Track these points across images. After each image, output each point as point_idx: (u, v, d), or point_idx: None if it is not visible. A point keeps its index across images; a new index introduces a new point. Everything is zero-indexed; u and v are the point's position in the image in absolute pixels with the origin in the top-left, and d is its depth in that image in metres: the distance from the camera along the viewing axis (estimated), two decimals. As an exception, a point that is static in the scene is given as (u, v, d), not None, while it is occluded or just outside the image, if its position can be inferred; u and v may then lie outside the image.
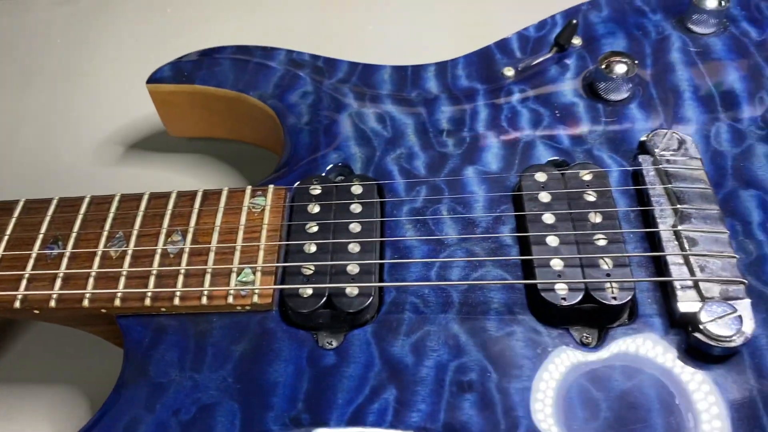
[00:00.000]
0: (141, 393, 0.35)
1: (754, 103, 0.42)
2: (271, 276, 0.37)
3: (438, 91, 0.46)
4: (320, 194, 0.40)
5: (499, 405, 0.33)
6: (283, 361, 0.35)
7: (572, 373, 0.33)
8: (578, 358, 0.34)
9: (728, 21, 0.47)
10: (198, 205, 0.40)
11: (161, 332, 0.36)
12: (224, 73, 0.48)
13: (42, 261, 0.38)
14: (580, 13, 0.49)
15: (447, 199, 0.40)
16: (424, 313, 0.36)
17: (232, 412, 0.33)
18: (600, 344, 0.34)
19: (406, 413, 0.33)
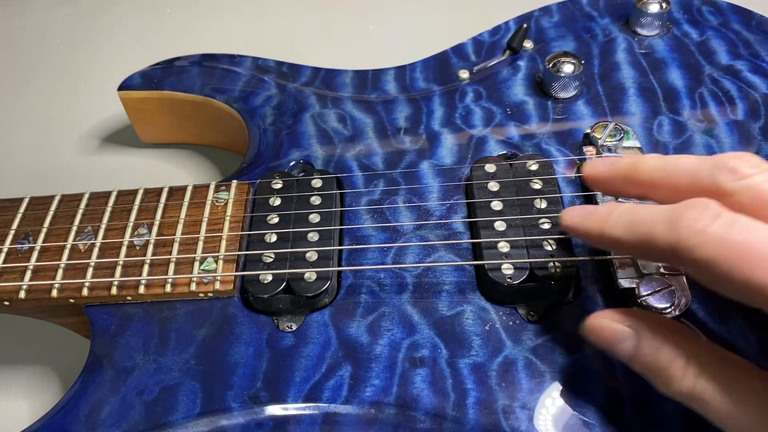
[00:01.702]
0: (106, 377, 0.36)
1: (695, 97, 0.45)
2: (232, 264, 0.38)
3: (396, 92, 0.48)
4: (282, 188, 0.42)
5: (449, 379, 0.34)
6: (244, 344, 0.36)
7: (518, 347, 0.35)
8: (524, 333, 0.35)
9: (671, 23, 0.49)
10: (164, 200, 0.42)
11: (127, 320, 0.38)
12: (192, 79, 0.50)
13: (13, 255, 0.40)
14: (532, 19, 0.52)
15: (403, 190, 0.42)
16: (379, 296, 0.37)
17: (193, 391, 0.35)
18: (545, 320, 0.36)
19: (360, 388, 0.34)
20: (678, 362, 0.28)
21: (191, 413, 0.34)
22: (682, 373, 0.27)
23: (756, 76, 0.45)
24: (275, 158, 0.45)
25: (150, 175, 0.56)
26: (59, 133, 0.61)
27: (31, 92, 0.65)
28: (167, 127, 0.53)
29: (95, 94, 0.63)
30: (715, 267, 0.25)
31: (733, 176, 0.27)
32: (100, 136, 0.60)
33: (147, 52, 0.57)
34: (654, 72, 0.46)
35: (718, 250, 0.25)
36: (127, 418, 0.34)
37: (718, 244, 0.25)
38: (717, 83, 0.45)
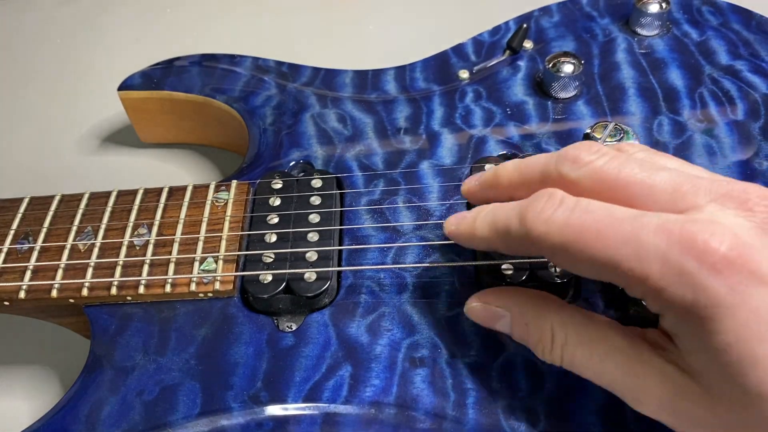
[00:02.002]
0: (106, 377, 0.36)
1: (695, 97, 0.45)
2: (232, 264, 0.38)
3: (396, 92, 0.48)
4: (281, 188, 0.42)
5: (449, 379, 0.34)
6: (244, 344, 0.36)
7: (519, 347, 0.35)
8: (524, 333, 0.35)
9: (671, 23, 0.49)
10: (164, 200, 0.42)
11: (127, 320, 0.38)
12: (192, 79, 0.50)
13: (13, 255, 0.40)
14: (532, 19, 0.52)
15: (403, 190, 0.42)
16: (379, 296, 0.37)
17: (193, 391, 0.35)
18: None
19: (360, 388, 0.34)
20: (545, 334, 0.30)
21: (191, 413, 0.34)
22: (551, 344, 0.30)
23: (756, 76, 0.45)
24: (275, 158, 0.45)
25: (150, 175, 0.56)
26: (59, 133, 0.61)
27: (31, 92, 0.65)
28: (167, 127, 0.53)
29: (95, 94, 0.63)
30: (565, 251, 0.26)
31: (575, 165, 0.28)
32: (100, 136, 0.60)
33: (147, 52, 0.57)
34: (654, 72, 0.46)
35: (564, 233, 0.26)
36: (127, 418, 0.34)
37: (563, 229, 0.26)
38: (717, 83, 0.45)
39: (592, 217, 0.26)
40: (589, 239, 0.25)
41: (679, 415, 0.27)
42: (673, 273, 0.24)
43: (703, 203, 0.25)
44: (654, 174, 0.26)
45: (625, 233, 0.25)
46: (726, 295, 0.23)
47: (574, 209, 0.26)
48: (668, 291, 0.24)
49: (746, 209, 0.24)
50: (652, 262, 0.24)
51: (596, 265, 0.26)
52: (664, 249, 0.24)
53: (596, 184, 0.27)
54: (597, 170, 0.27)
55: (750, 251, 0.23)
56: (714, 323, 0.23)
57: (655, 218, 0.25)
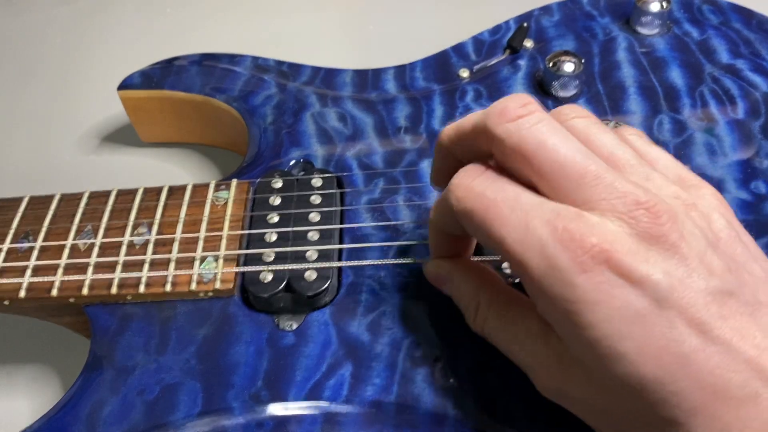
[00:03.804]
0: (106, 376, 0.36)
1: (695, 96, 0.45)
2: (233, 263, 0.38)
3: (397, 91, 0.48)
4: (282, 187, 0.42)
5: (451, 378, 0.34)
6: (244, 343, 0.36)
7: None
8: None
9: (672, 22, 0.49)
10: (164, 199, 0.41)
11: (127, 319, 0.38)
12: (192, 78, 0.50)
13: (13, 254, 0.40)
14: (533, 18, 0.52)
15: (404, 189, 0.42)
16: (380, 295, 0.37)
17: (194, 391, 0.35)
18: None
19: (361, 387, 0.34)
20: (473, 304, 0.32)
21: (192, 413, 0.34)
22: (475, 315, 0.32)
23: (756, 74, 0.45)
24: (275, 157, 0.45)
25: (150, 175, 0.55)
26: (59, 132, 0.60)
27: (30, 91, 0.65)
28: (167, 127, 0.53)
29: (95, 94, 0.63)
30: (470, 219, 0.28)
31: (501, 118, 0.28)
32: (100, 135, 0.60)
33: (147, 52, 0.57)
34: (654, 71, 0.46)
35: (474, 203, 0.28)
36: (128, 417, 0.34)
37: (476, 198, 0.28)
38: (717, 82, 0.45)
39: (503, 195, 0.27)
40: (492, 215, 0.27)
41: (569, 398, 0.28)
42: (546, 264, 0.25)
43: (597, 200, 0.26)
44: (570, 156, 0.27)
45: (520, 218, 0.26)
46: (591, 292, 0.24)
47: (491, 183, 0.28)
48: (541, 281, 0.25)
49: (631, 218, 0.25)
50: (533, 250, 0.26)
51: (490, 240, 0.27)
52: (544, 240, 0.25)
53: (517, 147, 0.27)
54: (520, 133, 0.27)
55: (619, 255, 0.24)
56: (580, 318, 0.25)
57: (549, 210, 0.26)
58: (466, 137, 0.30)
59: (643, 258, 0.25)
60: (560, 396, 0.29)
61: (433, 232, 0.34)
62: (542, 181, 0.27)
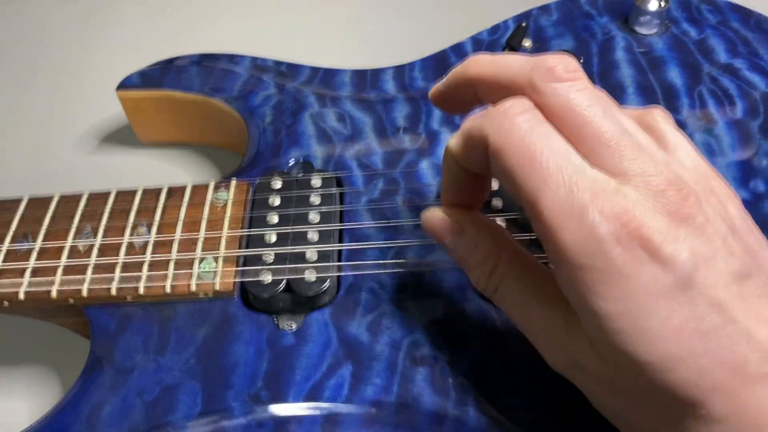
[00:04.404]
0: (106, 377, 0.36)
1: (694, 96, 0.45)
2: (232, 264, 0.38)
3: (395, 91, 0.48)
4: (281, 187, 0.42)
5: (450, 377, 0.34)
6: (244, 343, 0.36)
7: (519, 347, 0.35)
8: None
9: (670, 22, 0.49)
10: (163, 199, 0.41)
11: (126, 320, 0.38)
12: (191, 78, 0.50)
13: (12, 256, 0.40)
14: (531, 17, 0.52)
15: (403, 189, 0.42)
16: (379, 295, 0.37)
17: (194, 391, 0.35)
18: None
19: (361, 387, 0.34)
20: (490, 261, 0.31)
21: (192, 413, 0.34)
22: (490, 272, 0.31)
23: (755, 74, 0.45)
24: (274, 157, 0.45)
25: (149, 175, 0.55)
26: (58, 132, 0.60)
27: (29, 92, 0.65)
28: (166, 127, 0.53)
29: (94, 94, 0.62)
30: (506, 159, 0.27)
31: (549, 76, 0.27)
32: (99, 135, 0.60)
33: (146, 52, 0.56)
34: (653, 70, 0.46)
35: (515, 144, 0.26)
36: (128, 418, 0.34)
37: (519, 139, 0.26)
38: (716, 81, 0.45)
39: (550, 148, 0.26)
40: (536, 165, 0.26)
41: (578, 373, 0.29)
42: (584, 232, 0.25)
43: (632, 175, 0.26)
44: (610, 128, 0.27)
45: (565, 178, 0.26)
46: (621, 266, 0.24)
47: (538, 127, 0.27)
48: (574, 247, 0.25)
49: (663, 197, 0.26)
50: (572, 216, 0.25)
51: (522, 190, 0.26)
52: (586, 208, 0.25)
53: (560, 107, 0.27)
54: (566, 95, 0.27)
55: (652, 233, 0.24)
56: (604, 288, 0.25)
57: (592, 177, 0.26)
58: (500, 82, 0.29)
59: (674, 237, 0.25)
60: (570, 369, 0.29)
61: (448, 165, 0.32)
62: (580, 145, 0.27)
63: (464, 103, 0.33)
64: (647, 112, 0.32)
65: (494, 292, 0.31)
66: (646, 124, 0.32)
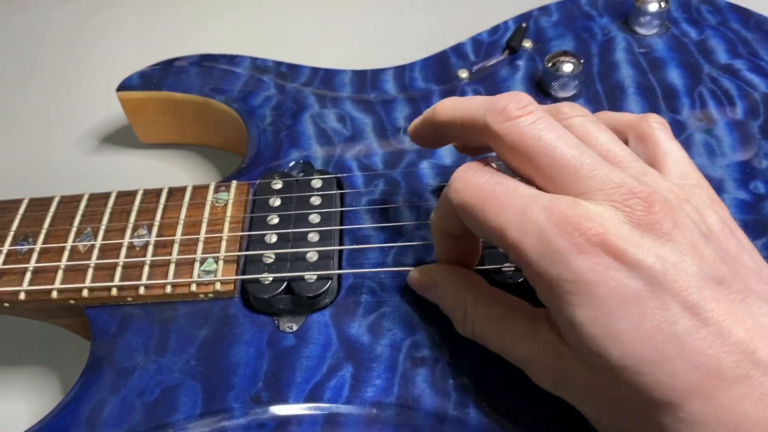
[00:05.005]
0: (107, 378, 0.36)
1: (694, 96, 0.45)
2: (233, 265, 0.38)
3: (396, 92, 0.48)
4: (281, 188, 0.42)
5: (451, 378, 0.34)
6: (244, 344, 0.36)
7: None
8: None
9: (670, 23, 0.50)
10: (163, 201, 0.41)
11: (127, 320, 0.38)
12: (191, 79, 0.50)
13: (12, 257, 0.40)
14: (531, 18, 0.52)
15: (403, 190, 0.42)
16: (380, 296, 0.37)
17: (194, 392, 0.35)
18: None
19: (361, 388, 0.34)
20: (460, 308, 0.33)
21: (192, 414, 0.34)
22: (464, 318, 0.33)
23: (755, 74, 0.45)
24: (275, 158, 0.45)
25: (149, 176, 0.56)
26: (58, 133, 0.60)
27: (29, 92, 0.65)
28: (166, 128, 0.53)
29: (94, 95, 0.62)
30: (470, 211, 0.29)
31: (501, 117, 0.29)
32: (99, 136, 0.60)
33: (146, 53, 0.57)
34: (653, 71, 0.46)
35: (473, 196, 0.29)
36: (128, 419, 0.34)
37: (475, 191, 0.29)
38: (716, 82, 0.45)
39: (501, 188, 0.28)
40: (490, 204, 0.28)
41: (567, 387, 0.29)
42: (543, 247, 0.26)
43: (593, 191, 0.27)
44: (565, 150, 0.28)
45: (518, 206, 0.27)
46: (587, 273, 0.25)
47: (488, 177, 0.29)
48: (537, 263, 0.26)
49: (626, 206, 0.26)
50: (530, 235, 0.27)
51: (489, 229, 0.28)
52: (542, 225, 0.26)
53: (515, 144, 0.28)
54: (519, 131, 0.28)
55: (614, 239, 0.25)
56: (575, 297, 0.25)
57: (546, 199, 0.27)
58: (462, 125, 0.32)
59: (637, 243, 0.25)
60: (557, 387, 0.30)
61: (435, 233, 0.34)
62: (540, 176, 0.28)
63: (440, 141, 0.37)
64: (642, 118, 0.33)
65: (473, 334, 0.33)
66: (639, 132, 0.33)
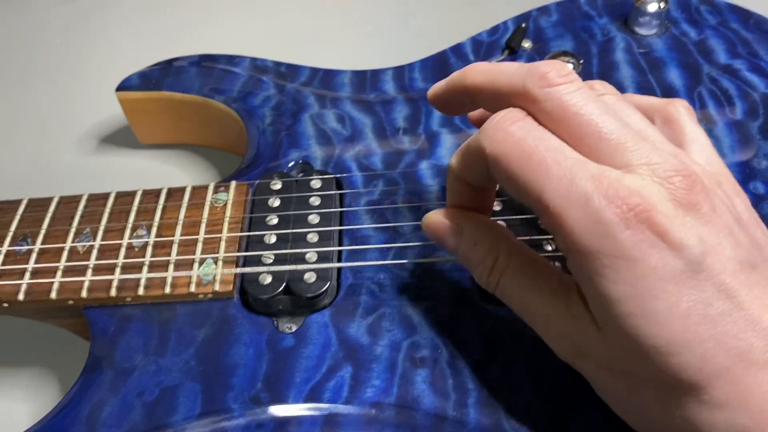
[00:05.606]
0: (106, 378, 0.36)
1: (693, 97, 0.45)
2: (232, 265, 0.38)
3: (395, 92, 0.48)
4: (281, 188, 0.42)
5: (450, 379, 0.34)
6: (244, 345, 0.36)
7: (519, 347, 0.35)
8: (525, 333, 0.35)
9: (669, 23, 0.50)
10: (162, 201, 0.41)
11: (126, 321, 0.38)
12: (190, 79, 0.50)
13: (11, 257, 0.40)
14: (531, 18, 0.52)
15: (403, 190, 0.42)
16: (379, 297, 0.37)
17: (194, 392, 0.35)
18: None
19: (361, 389, 0.34)
20: (490, 257, 0.31)
21: (191, 414, 0.34)
22: (491, 268, 0.31)
23: (754, 75, 0.45)
24: (274, 159, 0.45)
25: (148, 176, 0.56)
26: (57, 134, 0.60)
27: (28, 92, 0.65)
28: (166, 128, 0.53)
29: (93, 95, 0.62)
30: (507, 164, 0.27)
31: (542, 81, 0.28)
32: (99, 136, 0.60)
33: (146, 53, 0.57)
34: (652, 71, 0.46)
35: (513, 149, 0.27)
36: (128, 419, 0.34)
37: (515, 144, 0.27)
38: (715, 82, 0.45)
39: (546, 146, 0.27)
40: (534, 163, 0.27)
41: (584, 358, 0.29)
42: (590, 219, 0.25)
43: (637, 165, 0.26)
44: (608, 123, 0.27)
45: (565, 171, 0.26)
46: (630, 248, 0.25)
47: (531, 131, 0.27)
48: (581, 234, 0.25)
49: (670, 183, 0.26)
50: (577, 204, 0.26)
51: (526, 190, 0.27)
52: (590, 195, 0.25)
53: (555, 111, 0.28)
54: (561, 98, 0.28)
55: (660, 217, 0.25)
56: (613, 272, 0.25)
57: (595, 167, 0.26)
58: (496, 90, 0.30)
59: (681, 222, 0.25)
60: (574, 356, 0.29)
61: (452, 181, 0.33)
62: (580, 144, 0.27)
63: (462, 107, 0.34)
64: (669, 102, 0.33)
65: (496, 287, 0.32)
66: (666, 115, 0.32)
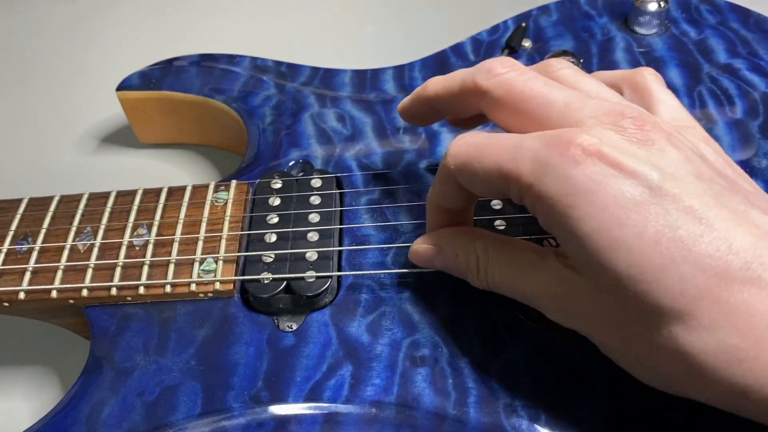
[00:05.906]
0: (106, 377, 0.36)
1: (693, 96, 0.45)
2: (232, 264, 0.38)
3: (395, 91, 0.48)
4: (281, 188, 0.42)
5: (450, 378, 0.34)
6: (244, 344, 0.36)
7: (519, 347, 0.35)
8: (524, 333, 0.35)
9: (669, 22, 0.50)
10: (163, 200, 0.42)
11: (127, 320, 0.38)
12: (191, 79, 0.50)
13: (12, 256, 0.40)
14: (531, 18, 0.52)
15: (403, 189, 0.42)
16: (379, 295, 0.37)
17: (194, 392, 0.35)
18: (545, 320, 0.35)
19: (361, 388, 0.34)
20: (471, 259, 0.33)
21: (192, 413, 0.34)
22: (476, 268, 0.33)
23: (754, 74, 0.45)
24: (274, 158, 0.45)
25: (149, 176, 0.56)
26: (58, 133, 0.60)
27: (29, 92, 0.65)
28: (166, 128, 0.53)
29: (94, 95, 0.63)
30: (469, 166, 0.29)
31: (488, 75, 0.31)
32: (99, 136, 0.60)
33: (147, 52, 0.57)
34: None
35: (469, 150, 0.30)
36: (128, 418, 0.34)
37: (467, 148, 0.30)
38: (716, 82, 0.45)
39: (494, 137, 0.29)
40: (487, 150, 0.29)
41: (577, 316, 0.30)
42: (539, 167, 0.26)
43: (585, 119, 0.28)
44: (553, 91, 0.29)
45: (512, 143, 0.28)
46: (585, 182, 0.25)
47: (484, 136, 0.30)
48: (536, 185, 0.27)
49: (619, 127, 0.27)
50: (525, 160, 0.27)
51: (487, 174, 0.29)
52: (536, 149, 0.27)
53: (504, 95, 0.30)
54: (505, 82, 0.30)
55: (608, 149, 0.26)
56: (576, 210, 0.26)
57: (540, 132, 0.28)
58: (453, 94, 0.33)
59: (633, 152, 0.26)
60: (568, 318, 0.30)
61: (431, 210, 0.35)
62: (532, 120, 0.29)
63: (426, 118, 0.38)
64: (636, 71, 0.34)
65: (489, 285, 0.33)
66: (632, 83, 0.34)
